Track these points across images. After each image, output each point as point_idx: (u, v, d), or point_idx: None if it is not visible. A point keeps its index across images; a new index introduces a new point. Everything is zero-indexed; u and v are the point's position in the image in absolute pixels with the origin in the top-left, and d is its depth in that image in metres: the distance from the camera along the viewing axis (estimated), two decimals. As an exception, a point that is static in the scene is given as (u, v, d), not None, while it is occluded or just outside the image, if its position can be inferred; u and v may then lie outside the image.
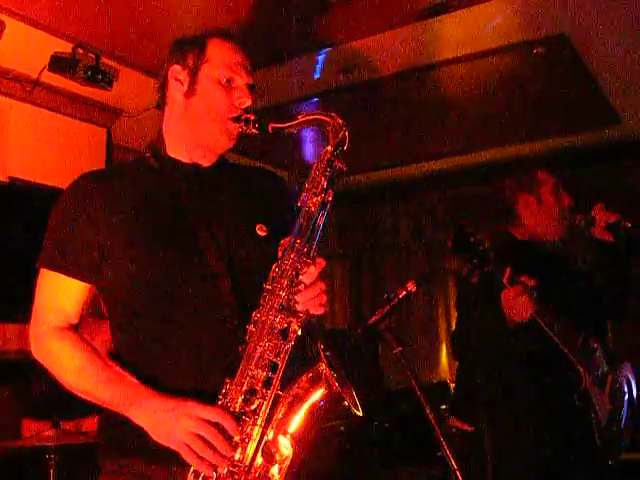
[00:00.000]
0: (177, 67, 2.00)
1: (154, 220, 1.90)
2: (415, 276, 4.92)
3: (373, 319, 2.46)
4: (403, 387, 5.05)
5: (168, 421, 1.68)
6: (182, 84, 1.99)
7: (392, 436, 5.29)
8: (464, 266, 2.84)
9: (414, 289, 2.48)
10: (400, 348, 2.39)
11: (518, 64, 4.99)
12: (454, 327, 3.45)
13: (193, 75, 1.98)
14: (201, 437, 1.65)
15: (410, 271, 7.58)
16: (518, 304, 2.79)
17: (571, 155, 6.54)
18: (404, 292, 2.47)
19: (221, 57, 1.98)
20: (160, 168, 1.99)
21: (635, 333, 5.78)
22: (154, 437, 1.71)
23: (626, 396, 3.09)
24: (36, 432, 3.92)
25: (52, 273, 1.91)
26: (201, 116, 1.97)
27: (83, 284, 1.91)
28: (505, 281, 2.82)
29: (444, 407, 4.94)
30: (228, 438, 1.67)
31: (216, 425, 1.67)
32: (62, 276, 1.90)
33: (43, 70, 4.73)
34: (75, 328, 1.94)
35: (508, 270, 2.83)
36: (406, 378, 2.35)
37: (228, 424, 1.67)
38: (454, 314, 4.37)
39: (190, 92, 1.98)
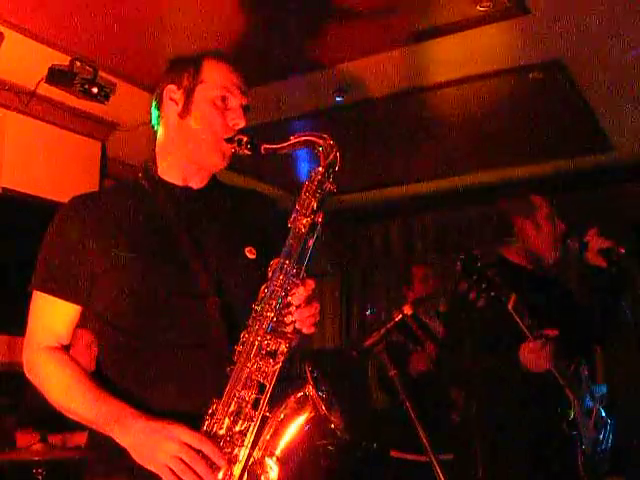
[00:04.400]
0: (172, 87, 2.01)
1: (144, 243, 1.91)
2: (411, 299, 4.92)
3: (369, 341, 2.45)
4: (391, 408, 5.03)
5: (151, 443, 1.68)
6: (177, 104, 2.00)
7: (379, 457, 5.26)
8: (471, 290, 2.85)
9: (410, 312, 2.48)
10: (395, 371, 2.39)
11: (514, 88, 5.03)
12: (445, 341, 3.44)
13: (188, 95, 1.99)
14: (183, 460, 1.64)
15: (401, 292, 7.59)
16: (537, 358, 2.82)
17: (564, 179, 6.57)
18: (400, 315, 2.46)
19: (216, 78, 1.99)
20: (151, 190, 2.00)
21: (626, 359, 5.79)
22: (136, 458, 1.70)
23: (609, 424, 3.10)
24: (26, 445, 3.91)
25: (44, 295, 1.93)
26: (195, 136, 1.97)
27: (74, 306, 1.93)
28: (510, 308, 2.84)
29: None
30: (211, 464, 1.66)
31: (198, 451, 1.66)
32: (54, 298, 1.92)
33: (40, 82, 4.74)
34: (66, 348, 1.96)
35: (513, 297, 2.85)
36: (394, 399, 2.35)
37: (210, 450, 1.67)
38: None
39: (184, 112, 1.99)
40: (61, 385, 1.86)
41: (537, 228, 3.19)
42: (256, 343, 1.74)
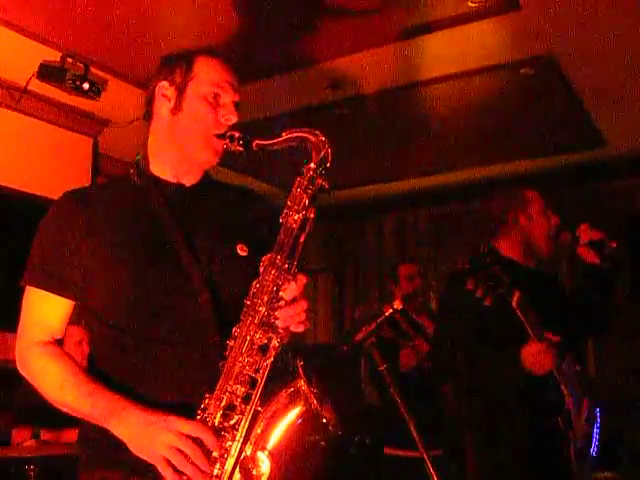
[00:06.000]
0: (164, 83, 2.01)
1: (136, 239, 1.91)
2: (401, 295, 4.95)
3: (359, 336, 2.46)
4: (383, 403, 5.05)
5: (148, 434, 1.68)
6: (169, 100, 2.00)
7: (372, 452, 5.28)
8: (479, 288, 2.83)
9: (400, 307, 2.48)
10: (385, 365, 2.40)
11: (505, 84, 5.04)
12: (441, 336, 3.44)
13: (180, 91, 1.99)
14: (180, 451, 1.65)
15: (389, 288, 7.64)
16: (540, 361, 2.83)
17: (556, 175, 6.59)
18: (390, 310, 2.46)
19: (208, 74, 2.00)
20: (143, 187, 2.01)
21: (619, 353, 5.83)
22: (133, 450, 1.70)
23: (598, 419, 3.12)
24: (20, 442, 3.90)
25: (37, 290, 1.93)
26: (187, 132, 1.98)
27: (67, 301, 1.94)
28: (514, 305, 2.84)
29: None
30: (207, 453, 1.67)
31: (196, 441, 1.67)
32: (47, 293, 1.92)
33: (31, 78, 4.73)
34: (59, 343, 1.96)
35: (517, 294, 2.85)
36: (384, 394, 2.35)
37: (208, 439, 1.67)
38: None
39: (176, 108, 1.99)
40: (55, 379, 1.86)
41: (531, 221, 3.20)
42: (248, 338, 1.74)
